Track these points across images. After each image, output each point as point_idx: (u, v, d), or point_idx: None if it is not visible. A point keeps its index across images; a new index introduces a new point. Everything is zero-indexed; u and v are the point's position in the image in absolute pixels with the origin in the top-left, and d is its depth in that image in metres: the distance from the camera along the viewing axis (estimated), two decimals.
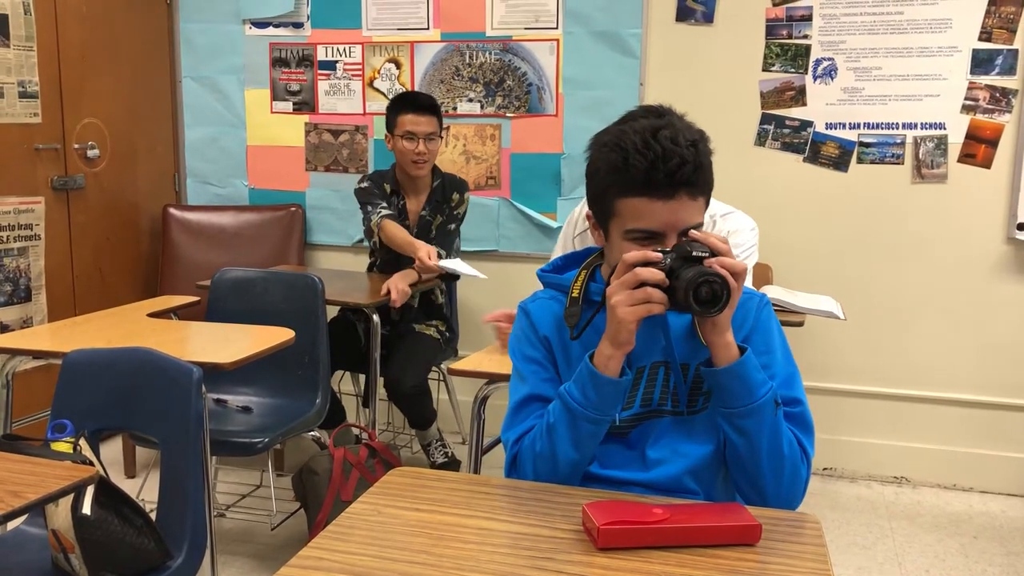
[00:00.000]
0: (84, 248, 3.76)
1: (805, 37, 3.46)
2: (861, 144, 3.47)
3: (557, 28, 3.71)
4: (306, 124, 4.08)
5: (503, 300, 2.94)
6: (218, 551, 2.89)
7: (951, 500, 3.43)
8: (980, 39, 3.31)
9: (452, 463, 3.40)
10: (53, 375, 2.09)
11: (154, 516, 1.89)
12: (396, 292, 3.09)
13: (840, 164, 3.50)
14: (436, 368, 3.51)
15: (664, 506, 1.26)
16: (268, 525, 3.10)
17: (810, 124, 3.51)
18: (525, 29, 3.74)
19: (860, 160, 3.48)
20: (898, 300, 3.51)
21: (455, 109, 3.86)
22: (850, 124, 3.47)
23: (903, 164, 3.44)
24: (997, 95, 3.32)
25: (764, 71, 3.52)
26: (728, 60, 3.54)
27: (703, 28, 3.57)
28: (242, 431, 2.73)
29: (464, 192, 3.44)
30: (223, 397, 2.95)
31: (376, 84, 3.94)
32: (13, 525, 1.98)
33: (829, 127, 3.49)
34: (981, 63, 3.31)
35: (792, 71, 3.50)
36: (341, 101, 4.02)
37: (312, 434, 2.89)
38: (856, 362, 3.58)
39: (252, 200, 4.19)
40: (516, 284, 3.28)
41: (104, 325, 2.64)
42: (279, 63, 4.07)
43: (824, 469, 3.66)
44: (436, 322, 3.46)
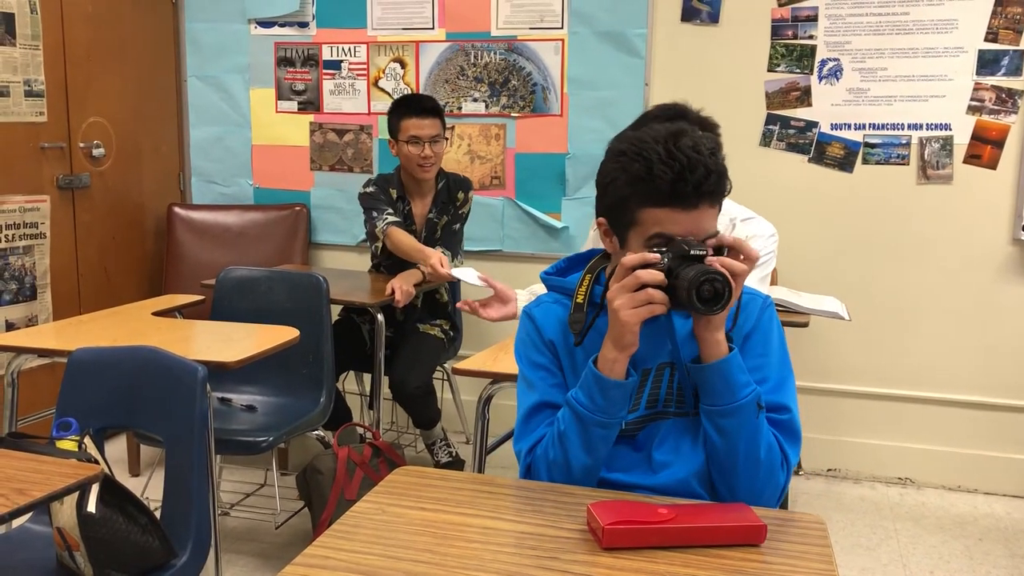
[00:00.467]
0: (89, 247, 3.76)
1: (811, 37, 3.46)
2: (866, 145, 3.47)
3: (562, 28, 3.71)
4: (311, 123, 4.08)
5: None
6: (222, 549, 2.90)
7: (955, 501, 3.42)
8: (986, 40, 3.30)
9: (456, 463, 3.40)
10: (58, 373, 2.09)
11: (158, 514, 1.89)
12: (400, 292, 3.09)
13: (845, 165, 3.50)
14: (440, 368, 3.51)
15: (669, 506, 1.26)
16: (272, 524, 3.10)
17: (815, 125, 3.50)
18: (530, 29, 3.74)
19: (865, 161, 3.47)
20: (903, 301, 3.50)
21: (460, 109, 3.87)
22: (855, 125, 3.47)
23: (908, 165, 3.44)
24: (1003, 96, 3.31)
25: (769, 71, 3.52)
26: (733, 60, 3.54)
27: (708, 28, 3.56)
28: (246, 430, 2.73)
29: (469, 191, 3.44)
30: (228, 396, 2.95)
31: (381, 84, 3.95)
32: (18, 523, 1.99)
33: (834, 128, 3.49)
34: (987, 64, 3.31)
35: (797, 71, 3.49)
36: (346, 101, 4.02)
37: (316, 433, 2.90)
38: (861, 363, 3.57)
39: (257, 199, 4.20)
40: (520, 284, 3.26)
41: (109, 324, 2.64)
42: (284, 62, 4.08)
43: (828, 470, 3.66)
44: (440, 321, 3.47)
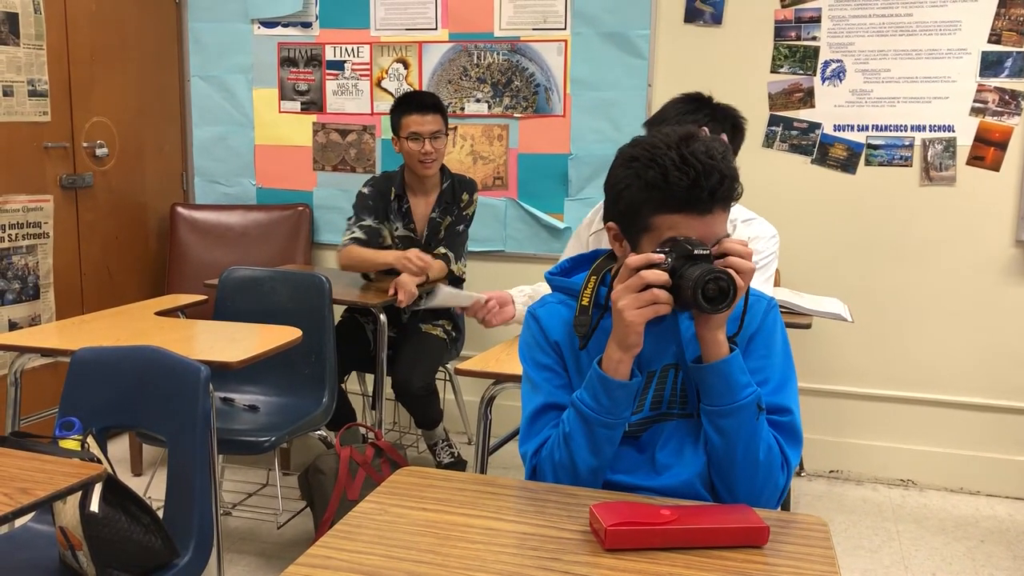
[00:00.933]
0: (92, 246, 3.77)
1: (814, 39, 3.46)
2: (869, 146, 3.46)
3: (565, 29, 3.71)
4: (314, 124, 4.09)
5: None
6: (224, 549, 2.90)
7: (958, 503, 3.42)
8: (989, 41, 3.30)
9: (458, 463, 3.40)
10: (61, 373, 2.10)
11: (161, 514, 1.89)
12: (403, 292, 3.09)
13: (848, 166, 3.50)
14: (442, 368, 3.51)
15: (671, 507, 1.26)
16: (274, 524, 3.10)
17: (818, 126, 3.50)
18: (533, 30, 3.74)
19: (868, 162, 3.47)
20: (905, 303, 3.50)
21: (463, 109, 3.87)
22: (858, 126, 3.47)
23: (911, 166, 3.44)
24: (1006, 97, 3.31)
25: (772, 73, 3.52)
26: (736, 61, 3.54)
27: (711, 29, 3.56)
28: (249, 430, 2.73)
29: (473, 192, 3.44)
30: (230, 396, 2.96)
31: (384, 84, 3.95)
32: (21, 522, 1.99)
33: (837, 129, 3.49)
34: (990, 65, 3.31)
35: (800, 73, 3.49)
36: (349, 101, 4.02)
37: (319, 433, 2.90)
38: (863, 364, 3.57)
39: (260, 199, 4.20)
40: (523, 285, 3.27)
41: (112, 323, 2.64)
42: (287, 63, 4.08)
43: (830, 472, 3.65)
44: (442, 322, 3.47)
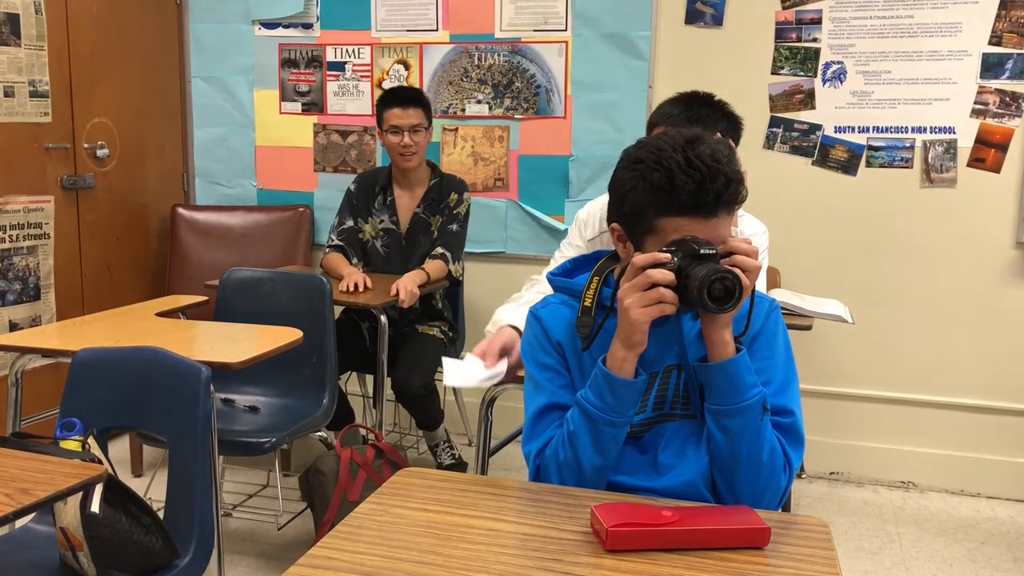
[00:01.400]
0: (93, 247, 3.77)
1: (814, 40, 3.46)
2: (870, 148, 3.47)
3: (566, 30, 3.71)
4: (315, 125, 4.09)
5: None
6: (225, 550, 2.90)
7: (958, 505, 3.42)
8: (990, 43, 3.30)
9: (459, 465, 3.40)
10: (62, 374, 2.10)
11: (162, 515, 1.89)
12: (405, 293, 3.09)
13: (849, 168, 3.50)
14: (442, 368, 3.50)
15: (673, 508, 1.26)
16: (275, 525, 3.10)
17: (819, 127, 3.50)
18: (534, 31, 3.74)
19: (869, 164, 3.47)
20: (906, 304, 3.50)
21: (463, 111, 3.87)
22: (859, 128, 3.47)
23: (912, 168, 3.44)
24: (1007, 99, 3.31)
25: (773, 74, 3.52)
26: (737, 63, 3.54)
27: (712, 31, 3.57)
28: (249, 431, 2.73)
29: (463, 192, 3.45)
30: (231, 397, 2.96)
31: (385, 85, 3.94)
32: (22, 523, 1.99)
33: (838, 130, 3.49)
34: (991, 67, 3.31)
35: (801, 74, 3.49)
36: (350, 102, 4.03)
37: (319, 434, 2.90)
38: (863, 366, 3.57)
39: (260, 200, 4.20)
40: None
41: (113, 324, 2.64)
42: (288, 64, 4.08)
43: (831, 473, 3.65)
44: (439, 323, 3.47)
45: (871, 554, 3.00)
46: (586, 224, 2.51)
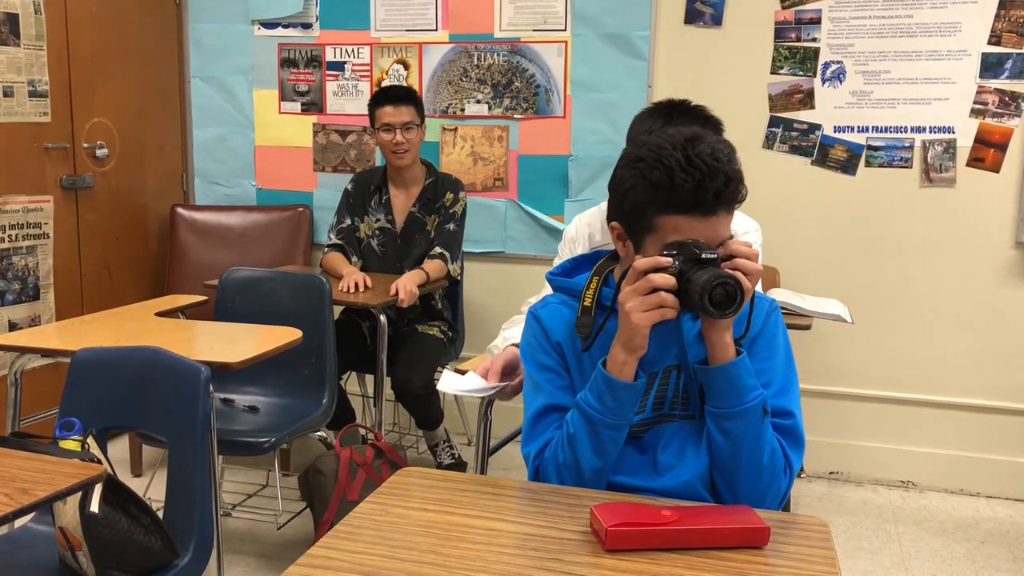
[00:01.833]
0: (92, 247, 3.77)
1: (814, 40, 3.46)
2: (869, 147, 3.47)
3: (565, 30, 3.71)
4: (314, 125, 4.09)
5: (510, 301, 2.94)
6: (224, 550, 2.90)
7: (958, 505, 3.42)
8: (989, 43, 3.30)
9: (459, 464, 3.40)
10: (61, 373, 2.10)
11: (161, 515, 1.89)
12: (404, 292, 3.10)
13: (848, 167, 3.50)
14: (442, 368, 3.51)
15: (672, 508, 1.26)
16: (274, 525, 3.10)
17: (818, 127, 3.50)
18: (533, 31, 3.74)
19: (868, 163, 3.47)
20: (905, 304, 3.50)
21: (463, 110, 3.87)
22: (858, 127, 3.47)
23: (911, 168, 3.44)
24: (1006, 99, 3.31)
25: (772, 74, 3.52)
26: (736, 63, 3.54)
27: (711, 31, 3.57)
28: (249, 430, 2.73)
29: (458, 191, 3.45)
30: (230, 396, 2.96)
31: (384, 85, 3.94)
32: (21, 522, 1.99)
33: (837, 130, 3.49)
34: (990, 67, 3.31)
35: (801, 74, 3.49)
36: (349, 102, 4.02)
37: (319, 434, 2.90)
38: (863, 366, 3.57)
39: (260, 200, 4.20)
40: (522, 286, 3.27)
41: (112, 324, 2.64)
42: (287, 64, 4.08)
43: (830, 473, 3.65)
44: (438, 322, 3.47)
45: (871, 554, 3.00)
46: (575, 241, 2.49)
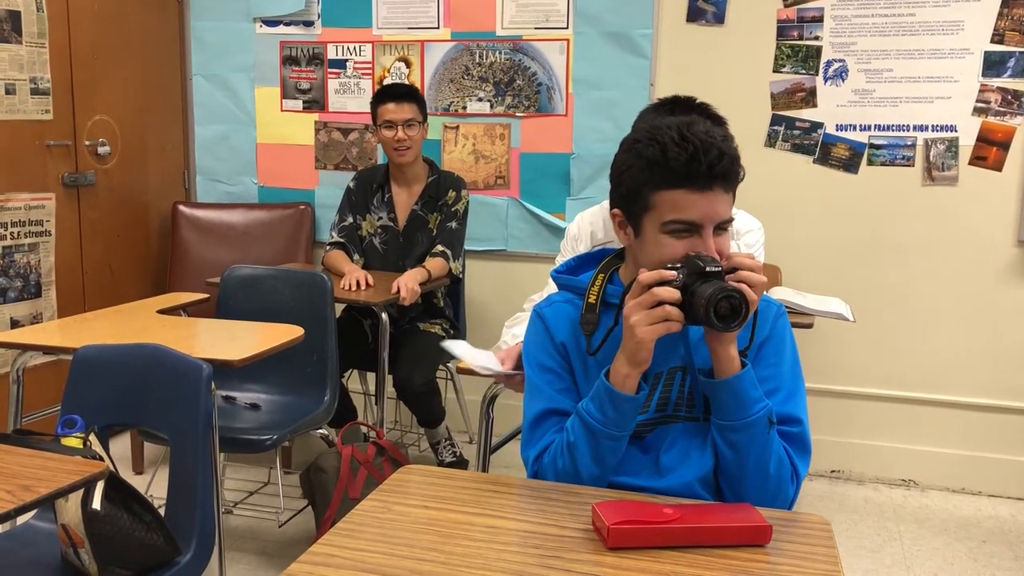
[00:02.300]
0: (94, 244, 3.77)
1: (816, 38, 3.45)
2: (871, 146, 3.46)
3: (567, 28, 3.71)
4: (316, 122, 4.09)
5: (511, 299, 2.93)
6: (226, 548, 2.90)
7: (960, 504, 3.42)
8: (992, 41, 3.29)
9: (460, 462, 3.40)
10: (63, 371, 2.10)
11: (163, 512, 1.89)
12: (406, 290, 3.10)
13: (850, 166, 3.49)
14: (444, 367, 3.51)
15: (674, 506, 1.26)
16: (276, 522, 3.10)
17: (820, 126, 3.50)
18: (535, 29, 3.74)
19: (870, 162, 3.47)
20: (907, 302, 3.50)
21: (465, 108, 3.87)
22: (861, 126, 3.46)
23: (914, 166, 3.43)
24: (1009, 98, 3.31)
25: (775, 72, 3.51)
26: (739, 61, 3.53)
27: (714, 29, 3.56)
28: (250, 428, 2.73)
29: (461, 189, 3.45)
30: (232, 394, 2.96)
31: (386, 83, 3.94)
32: (23, 520, 1.99)
33: (840, 129, 3.48)
34: (993, 65, 3.30)
35: (803, 72, 3.49)
36: (351, 100, 4.02)
37: (320, 432, 2.90)
38: (865, 364, 3.57)
39: (261, 198, 4.20)
40: (524, 284, 3.27)
41: (114, 321, 2.64)
42: (289, 61, 4.08)
43: (832, 471, 3.65)
44: (440, 320, 3.47)
45: (872, 552, 3.00)
46: (577, 239, 2.50)
